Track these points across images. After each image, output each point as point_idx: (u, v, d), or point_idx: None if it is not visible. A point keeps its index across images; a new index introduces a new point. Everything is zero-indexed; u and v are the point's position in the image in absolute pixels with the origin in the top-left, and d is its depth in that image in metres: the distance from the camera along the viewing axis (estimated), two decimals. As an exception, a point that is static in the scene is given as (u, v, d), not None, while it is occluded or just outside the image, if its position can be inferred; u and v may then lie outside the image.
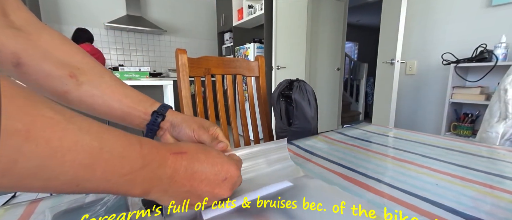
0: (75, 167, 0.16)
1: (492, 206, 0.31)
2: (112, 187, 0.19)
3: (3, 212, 0.31)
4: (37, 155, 0.14)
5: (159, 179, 0.21)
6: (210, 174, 0.25)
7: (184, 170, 0.23)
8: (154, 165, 0.21)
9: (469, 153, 0.52)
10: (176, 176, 0.23)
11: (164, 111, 0.37)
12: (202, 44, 3.74)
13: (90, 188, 0.18)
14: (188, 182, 0.23)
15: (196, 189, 0.24)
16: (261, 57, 0.92)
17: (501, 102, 0.98)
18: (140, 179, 0.20)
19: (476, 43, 1.65)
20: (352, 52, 6.01)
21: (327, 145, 0.59)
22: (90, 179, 0.17)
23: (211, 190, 0.25)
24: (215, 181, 0.25)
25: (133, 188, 0.20)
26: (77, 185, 0.17)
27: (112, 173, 0.18)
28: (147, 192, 0.21)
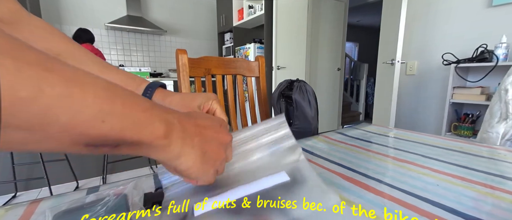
0: (96, 98, 0.15)
1: (493, 206, 0.31)
2: (135, 125, 0.18)
3: (4, 212, 0.31)
4: (59, 83, 0.14)
5: (172, 123, 0.21)
6: (207, 122, 0.25)
7: (186, 117, 0.23)
8: (161, 108, 0.21)
9: (470, 153, 0.52)
10: (183, 121, 0.22)
11: (150, 93, 0.35)
12: (202, 44, 3.75)
13: (116, 125, 0.17)
14: (195, 127, 0.23)
15: (205, 134, 0.24)
16: (261, 57, 0.92)
17: (501, 103, 0.98)
18: (156, 117, 0.20)
19: (477, 44, 1.65)
20: (352, 53, 6.01)
21: (327, 145, 0.59)
22: (113, 112, 0.16)
23: (216, 136, 0.25)
24: (215, 127, 0.25)
25: (155, 126, 0.19)
26: (103, 120, 0.16)
27: (131, 107, 0.18)
28: (169, 134, 0.20)
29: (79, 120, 0.15)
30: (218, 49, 3.67)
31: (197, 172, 0.24)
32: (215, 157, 0.25)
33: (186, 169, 0.23)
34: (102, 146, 0.17)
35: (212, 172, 0.26)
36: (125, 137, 0.18)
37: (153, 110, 0.20)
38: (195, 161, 0.23)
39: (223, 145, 0.26)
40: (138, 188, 0.36)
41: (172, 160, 0.22)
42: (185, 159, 0.22)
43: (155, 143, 0.20)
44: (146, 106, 0.19)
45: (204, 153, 0.24)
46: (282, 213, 0.29)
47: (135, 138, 0.18)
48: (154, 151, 0.20)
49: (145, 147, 0.19)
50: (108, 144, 0.17)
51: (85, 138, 0.16)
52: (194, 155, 0.23)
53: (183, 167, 0.23)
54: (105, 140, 0.17)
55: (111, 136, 0.17)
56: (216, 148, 0.25)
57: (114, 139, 0.17)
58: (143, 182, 0.40)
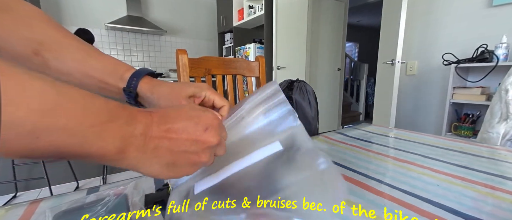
0: (31, 112, 0.14)
1: (493, 206, 0.31)
2: (81, 142, 0.16)
3: (4, 212, 0.31)
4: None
5: (132, 135, 0.19)
6: (188, 126, 0.22)
7: (157, 124, 0.21)
8: (122, 120, 0.19)
9: (470, 153, 0.52)
10: (150, 132, 0.20)
11: (135, 85, 0.32)
12: (202, 44, 3.75)
13: (55, 142, 0.15)
14: (166, 134, 0.21)
15: (177, 143, 0.21)
16: (261, 57, 0.92)
17: (502, 103, 0.98)
18: (109, 133, 0.18)
19: (477, 44, 1.65)
20: (352, 53, 6.01)
21: (327, 146, 0.59)
22: (52, 129, 0.15)
23: (197, 139, 0.22)
24: (196, 132, 0.22)
25: (104, 143, 0.17)
26: (37, 137, 0.14)
27: (76, 122, 0.16)
28: (122, 150, 0.19)
29: (8, 137, 0.13)
30: (218, 49, 3.67)
31: (168, 177, 0.23)
32: (191, 162, 0.23)
33: (154, 176, 0.22)
34: (40, 158, 0.16)
35: (189, 173, 0.24)
36: (66, 152, 0.16)
37: (108, 124, 0.18)
38: (161, 170, 0.22)
39: (206, 150, 0.23)
40: (138, 188, 0.36)
41: (133, 168, 0.21)
42: (146, 169, 0.21)
43: (107, 157, 0.18)
44: (98, 120, 0.17)
45: (172, 163, 0.22)
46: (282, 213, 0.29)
47: (80, 153, 0.17)
48: (108, 162, 0.19)
49: (95, 159, 0.18)
50: (48, 156, 0.16)
51: (18, 151, 0.14)
52: (157, 165, 0.21)
53: (148, 174, 0.22)
54: (42, 155, 0.15)
55: (49, 152, 0.15)
56: (192, 155, 0.22)
57: (53, 152, 0.15)
58: (143, 182, 0.40)
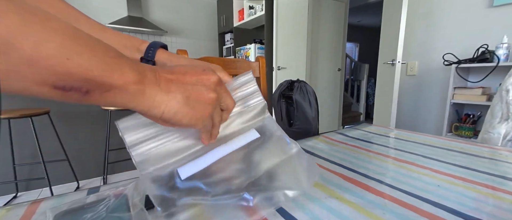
0: (59, 35, 0.15)
1: (494, 207, 0.31)
2: (104, 69, 0.17)
3: (5, 212, 0.31)
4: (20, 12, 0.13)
5: (144, 70, 0.20)
6: (187, 69, 0.23)
7: (161, 69, 0.22)
8: (130, 60, 0.20)
9: (471, 154, 0.52)
10: (157, 71, 0.21)
11: (152, 54, 0.33)
12: (202, 45, 3.75)
13: (82, 64, 0.16)
14: (172, 74, 0.22)
15: (185, 80, 0.22)
16: (261, 58, 0.92)
17: (503, 103, 0.97)
18: (127, 65, 0.18)
19: (478, 44, 1.64)
20: (352, 53, 6.01)
21: (328, 146, 0.59)
22: (79, 52, 0.16)
23: (198, 78, 0.23)
24: (195, 71, 0.24)
25: (124, 71, 0.18)
26: (68, 57, 0.15)
27: (98, 50, 0.17)
28: (140, 80, 0.19)
29: (42, 53, 0.14)
30: (219, 49, 3.67)
31: (188, 117, 0.22)
32: (203, 99, 0.23)
33: (173, 116, 0.21)
34: (71, 89, 0.16)
35: (206, 115, 0.24)
36: (94, 77, 0.16)
37: (123, 58, 0.19)
38: (179, 107, 0.21)
39: (210, 87, 0.24)
40: (138, 189, 0.36)
41: (153, 109, 0.21)
42: (167, 105, 0.21)
43: (128, 88, 0.18)
44: (114, 54, 0.18)
45: (187, 97, 0.22)
46: (280, 212, 0.29)
47: (105, 80, 0.17)
48: (130, 99, 0.19)
49: (118, 93, 0.18)
50: (77, 86, 0.16)
51: (51, 75, 0.15)
52: (175, 100, 0.21)
53: (169, 115, 0.21)
54: (72, 79, 0.16)
55: (78, 74, 0.16)
56: (201, 91, 0.23)
57: (82, 78, 0.16)
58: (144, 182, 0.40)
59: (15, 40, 0.13)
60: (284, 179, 0.31)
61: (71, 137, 1.75)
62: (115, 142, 1.88)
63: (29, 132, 1.47)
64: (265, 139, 0.33)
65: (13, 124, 1.55)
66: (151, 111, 0.21)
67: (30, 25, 0.14)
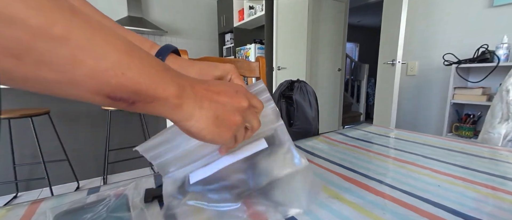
0: (117, 50, 0.17)
1: (494, 207, 0.31)
2: (150, 82, 0.19)
3: (5, 212, 0.31)
4: (85, 28, 0.15)
5: (183, 84, 0.22)
6: (221, 87, 0.25)
7: (198, 82, 0.23)
8: (173, 72, 0.21)
9: (471, 154, 0.52)
10: (195, 86, 0.23)
11: (162, 59, 0.34)
12: (203, 45, 3.75)
13: (134, 78, 0.18)
14: (207, 92, 0.23)
15: (216, 99, 0.24)
16: (261, 58, 0.92)
17: (503, 103, 0.97)
18: (169, 79, 0.20)
19: (478, 44, 1.64)
20: (353, 53, 6.01)
21: (328, 146, 0.59)
22: (132, 67, 0.18)
23: (230, 100, 0.24)
24: (228, 92, 0.25)
25: (167, 85, 0.20)
26: (123, 72, 0.17)
27: (147, 64, 0.19)
28: (180, 95, 0.21)
29: (102, 66, 0.16)
30: (219, 49, 3.67)
31: (211, 135, 0.24)
32: (230, 121, 0.24)
33: (198, 131, 0.23)
34: (121, 99, 0.18)
35: (228, 136, 0.25)
36: (141, 90, 0.18)
37: (167, 72, 0.21)
38: (207, 123, 0.23)
39: (239, 110, 0.25)
40: (138, 189, 0.36)
41: (184, 121, 0.22)
42: (197, 120, 0.22)
43: (169, 101, 0.20)
44: (160, 68, 0.20)
45: (216, 116, 0.23)
46: (279, 212, 0.29)
47: (151, 92, 0.19)
48: (168, 110, 0.21)
49: (159, 104, 0.20)
50: (126, 97, 0.18)
51: (107, 87, 0.17)
52: (205, 118, 0.23)
53: (195, 129, 0.23)
54: (124, 91, 0.18)
55: (129, 86, 0.18)
56: (229, 113, 0.24)
57: (132, 90, 0.18)
58: (144, 182, 0.40)
59: (80, 56, 0.15)
60: (286, 194, 0.31)
61: (71, 137, 1.75)
62: (115, 142, 1.88)
63: (29, 132, 1.47)
64: (273, 150, 0.33)
65: (13, 124, 1.55)
66: (182, 122, 0.22)
67: (95, 40, 0.16)
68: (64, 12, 0.14)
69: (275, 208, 0.30)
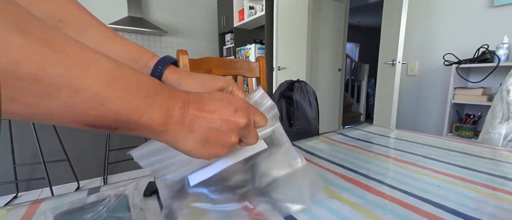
0: (97, 82, 0.16)
1: (494, 207, 0.31)
2: (134, 111, 0.18)
3: (5, 212, 0.31)
4: (60, 63, 0.14)
5: (173, 109, 0.21)
6: (219, 107, 0.24)
7: (193, 102, 0.23)
8: (165, 94, 0.21)
9: (471, 154, 0.52)
10: (188, 108, 0.22)
11: (160, 73, 0.33)
12: (203, 45, 3.75)
13: (114, 109, 0.17)
14: (201, 113, 0.23)
15: (210, 121, 0.23)
16: (262, 58, 0.92)
17: (503, 103, 0.97)
18: (157, 105, 0.20)
19: (478, 44, 1.64)
20: (353, 53, 6.01)
21: (328, 146, 0.59)
22: (113, 97, 0.17)
23: (228, 119, 0.24)
24: (227, 112, 0.24)
25: (153, 113, 0.20)
26: (102, 104, 0.16)
27: (131, 93, 0.18)
28: (166, 122, 0.20)
29: (79, 100, 0.15)
30: (219, 50, 3.67)
31: (199, 155, 0.24)
32: (222, 142, 0.24)
33: (186, 152, 0.23)
34: (101, 127, 0.18)
35: (221, 154, 0.25)
36: (123, 118, 0.18)
37: (156, 97, 0.20)
38: (195, 145, 0.23)
39: (234, 131, 0.24)
40: (138, 189, 0.36)
41: (170, 143, 0.22)
42: (183, 143, 0.22)
43: (152, 128, 0.20)
44: (148, 93, 0.19)
45: (205, 139, 0.23)
46: (280, 213, 0.29)
47: (133, 121, 0.19)
48: (152, 135, 0.21)
49: (142, 130, 0.20)
50: (107, 125, 0.18)
51: (85, 118, 0.16)
52: (192, 141, 0.22)
53: (182, 150, 0.23)
54: (103, 121, 0.17)
55: (109, 117, 0.17)
56: (222, 133, 0.24)
57: (112, 120, 0.18)
58: (144, 182, 0.40)
59: (54, 92, 0.14)
60: (288, 192, 0.31)
61: (71, 137, 1.75)
62: (115, 142, 1.88)
63: (30, 132, 1.47)
64: (272, 150, 0.33)
65: (13, 124, 1.55)
66: (169, 143, 0.22)
67: (69, 75, 0.15)
68: (37, 48, 0.13)
69: (279, 206, 0.30)
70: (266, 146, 0.32)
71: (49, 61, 0.14)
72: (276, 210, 0.30)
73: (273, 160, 0.33)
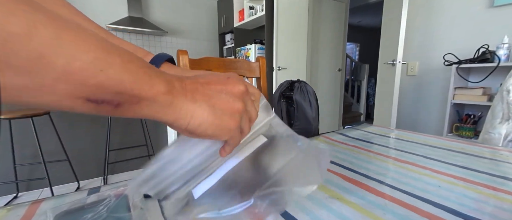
0: (91, 45, 0.15)
1: (495, 208, 0.31)
2: (134, 80, 0.17)
3: (6, 212, 0.31)
4: (50, 24, 0.13)
5: (171, 80, 0.20)
6: (211, 78, 0.23)
7: (186, 78, 0.22)
8: (157, 71, 0.20)
9: (472, 154, 0.52)
10: (184, 80, 0.21)
11: (156, 65, 0.32)
12: (203, 45, 3.75)
13: (115, 77, 0.16)
14: (195, 84, 0.22)
15: (209, 89, 0.22)
16: (262, 58, 0.92)
17: (503, 103, 0.97)
18: (155, 76, 0.19)
19: (478, 44, 1.64)
20: (353, 53, 6.00)
21: (328, 146, 0.59)
22: (111, 63, 0.16)
23: (223, 88, 0.23)
24: (220, 80, 0.23)
25: (154, 83, 0.18)
26: (101, 69, 0.15)
27: (129, 61, 0.17)
28: (170, 91, 0.19)
29: (76, 66, 0.14)
30: (219, 50, 3.67)
31: (213, 128, 0.22)
32: (229, 109, 0.22)
33: (197, 127, 0.21)
34: (103, 102, 0.16)
35: (234, 126, 0.23)
36: (125, 89, 0.16)
37: (151, 69, 0.19)
38: (205, 116, 0.21)
39: (236, 96, 0.23)
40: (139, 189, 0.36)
41: (179, 120, 0.20)
42: (193, 116, 0.21)
43: (157, 99, 0.19)
44: (144, 65, 0.18)
45: (212, 106, 0.21)
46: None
47: (136, 92, 0.17)
48: (158, 110, 0.19)
49: (147, 104, 0.18)
50: (109, 99, 0.16)
51: (84, 88, 0.15)
52: (200, 110, 0.21)
53: (193, 126, 0.21)
54: (105, 92, 0.16)
55: (110, 86, 0.16)
56: (226, 100, 0.22)
57: (114, 91, 0.16)
58: (144, 182, 0.40)
59: (49, 55, 0.13)
60: (296, 177, 0.30)
61: (71, 137, 1.75)
62: (115, 142, 1.88)
63: (30, 132, 1.47)
64: (273, 142, 0.32)
65: (14, 124, 1.55)
66: (177, 121, 0.20)
67: (63, 37, 0.14)
68: (22, 6, 0.12)
69: (291, 192, 0.29)
70: (265, 139, 0.32)
71: (39, 21, 0.13)
72: (289, 196, 0.29)
73: (275, 150, 0.32)
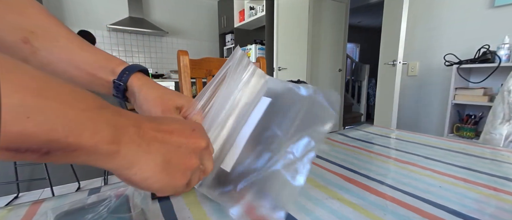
0: (21, 89, 0.12)
1: (496, 208, 0.31)
2: (72, 127, 0.14)
3: (6, 213, 0.31)
4: None
5: (124, 125, 0.17)
6: (176, 126, 0.21)
7: (148, 121, 0.20)
8: (110, 110, 0.17)
9: (473, 154, 0.52)
10: (142, 126, 0.19)
11: (126, 78, 0.31)
12: (203, 45, 3.75)
13: (45, 124, 0.13)
14: (157, 132, 0.20)
15: (168, 140, 0.20)
16: (262, 58, 0.92)
17: (504, 104, 0.97)
18: (102, 120, 0.16)
19: (479, 44, 1.64)
20: (353, 54, 6.00)
21: (328, 146, 0.59)
22: (42, 109, 0.13)
23: (185, 141, 0.21)
24: (184, 131, 0.21)
25: (98, 128, 0.15)
26: (28, 116, 0.12)
27: (67, 104, 0.14)
28: (117, 139, 0.16)
29: None
30: (219, 50, 3.67)
31: (160, 184, 0.20)
32: (183, 165, 0.21)
33: (142, 181, 0.19)
34: (26, 151, 0.13)
35: (182, 183, 0.21)
36: (58, 137, 0.14)
37: (100, 110, 0.16)
38: (154, 171, 0.19)
39: (195, 152, 0.22)
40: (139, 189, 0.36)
41: (124, 169, 0.18)
42: (140, 168, 0.18)
43: (99, 148, 0.16)
44: (90, 105, 0.16)
45: (167, 161, 0.20)
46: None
47: (71, 140, 0.14)
48: (99, 159, 0.16)
49: (85, 153, 0.15)
50: (34, 148, 0.13)
51: (4, 137, 0.12)
52: (152, 163, 0.19)
53: (138, 178, 0.18)
54: (30, 141, 0.13)
55: (38, 135, 0.13)
56: (184, 156, 0.21)
57: (43, 139, 0.13)
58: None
59: None
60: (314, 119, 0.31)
61: (72, 138, 1.75)
62: (116, 142, 1.89)
63: (31, 133, 1.47)
64: (277, 101, 0.32)
65: (14, 125, 1.55)
66: (120, 170, 0.18)
67: None
68: None
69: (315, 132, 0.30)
70: (270, 99, 0.32)
71: None
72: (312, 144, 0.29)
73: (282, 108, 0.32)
